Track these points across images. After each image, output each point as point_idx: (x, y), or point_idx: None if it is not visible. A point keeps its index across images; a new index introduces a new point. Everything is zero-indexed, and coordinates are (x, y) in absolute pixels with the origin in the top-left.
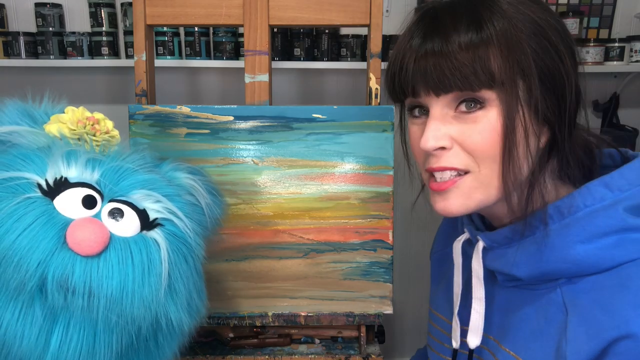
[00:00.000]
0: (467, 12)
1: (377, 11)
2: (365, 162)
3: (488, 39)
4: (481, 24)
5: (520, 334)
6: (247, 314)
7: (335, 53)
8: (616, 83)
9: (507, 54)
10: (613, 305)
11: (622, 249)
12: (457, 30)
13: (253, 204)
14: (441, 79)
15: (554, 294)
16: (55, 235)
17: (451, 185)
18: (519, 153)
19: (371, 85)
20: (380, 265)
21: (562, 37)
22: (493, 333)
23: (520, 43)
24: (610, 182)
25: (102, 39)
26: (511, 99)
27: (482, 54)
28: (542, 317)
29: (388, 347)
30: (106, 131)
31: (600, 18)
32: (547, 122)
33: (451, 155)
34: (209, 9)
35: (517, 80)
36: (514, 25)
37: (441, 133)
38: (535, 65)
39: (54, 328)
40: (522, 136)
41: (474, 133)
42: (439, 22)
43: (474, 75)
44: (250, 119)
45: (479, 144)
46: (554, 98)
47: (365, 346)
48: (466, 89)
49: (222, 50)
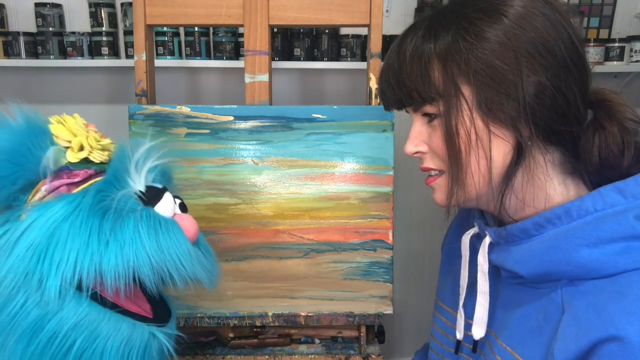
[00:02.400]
0: (424, 28)
1: (377, 11)
2: (365, 162)
3: (428, 52)
4: (427, 37)
5: (518, 330)
6: (247, 314)
7: (335, 53)
8: (616, 83)
9: (445, 65)
10: (606, 310)
11: (627, 257)
12: (406, 43)
13: (253, 204)
14: (395, 99)
15: (555, 294)
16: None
17: (432, 182)
18: (472, 156)
19: (371, 85)
20: (380, 265)
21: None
22: (493, 327)
23: (457, 46)
24: (625, 188)
25: (102, 39)
26: (450, 106)
27: (424, 69)
28: (540, 316)
29: (388, 347)
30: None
31: (600, 18)
32: (504, 122)
33: (428, 158)
34: (209, 9)
35: (459, 86)
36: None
37: (418, 140)
38: (474, 65)
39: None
40: (471, 140)
41: (435, 138)
42: (400, 37)
43: (416, 92)
44: (250, 119)
45: (439, 149)
46: (503, 97)
47: (365, 346)
48: (415, 105)
49: (222, 50)
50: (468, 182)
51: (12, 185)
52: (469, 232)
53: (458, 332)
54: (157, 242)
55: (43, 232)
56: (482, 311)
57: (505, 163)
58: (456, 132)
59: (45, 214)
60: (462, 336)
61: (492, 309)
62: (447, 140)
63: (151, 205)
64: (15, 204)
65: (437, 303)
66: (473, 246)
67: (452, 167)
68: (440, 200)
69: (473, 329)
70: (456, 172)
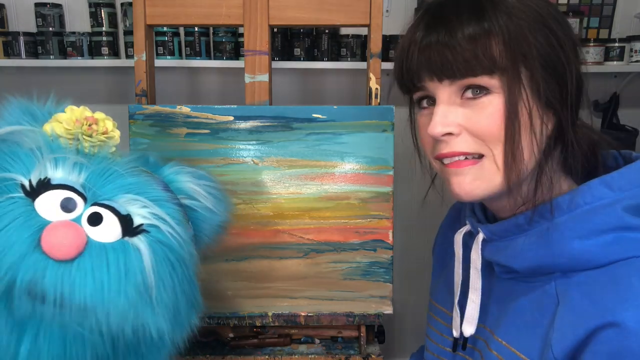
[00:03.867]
0: (470, 4)
1: (377, 11)
2: (365, 162)
3: (490, 29)
4: (483, 15)
5: (514, 324)
6: (247, 314)
7: (335, 53)
8: (616, 83)
9: (509, 41)
10: (601, 298)
11: (618, 247)
12: (460, 22)
13: (253, 204)
14: (444, 64)
15: (549, 287)
16: (30, 237)
17: (471, 165)
18: (524, 137)
19: (371, 85)
20: (380, 265)
21: (562, 26)
22: (488, 324)
23: (521, 31)
24: (611, 181)
25: (102, 39)
26: (513, 84)
27: (484, 43)
28: (535, 309)
29: (388, 347)
30: (104, 132)
31: (600, 18)
32: (551, 107)
33: (460, 140)
34: (209, 9)
35: (519, 66)
36: (515, 14)
37: (449, 120)
38: (537, 51)
39: (23, 338)
40: (526, 120)
41: (481, 118)
42: (443, 14)
43: (476, 61)
44: (250, 119)
45: (486, 128)
46: (556, 84)
47: (365, 346)
48: (468, 75)
49: (222, 50)
50: (518, 165)
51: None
52: (461, 230)
53: (454, 330)
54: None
55: None
56: (474, 308)
57: (544, 147)
58: (514, 109)
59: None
60: (458, 334)
61: (486, 305)
62: (508, 118)
63: (31, 198)
64: None
65: (432, 303)
66: (465, 244)
67: (508, 147)
68: (470, 186)
69: (463, 326)
70: (512, 152)
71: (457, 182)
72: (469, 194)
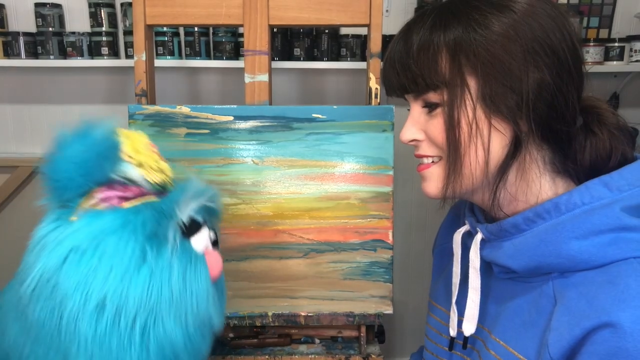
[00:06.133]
0: (433, 17)
1: (377, 11)
2: (365, 162)
3: (437, 42)
4: (435, 27)
5: (511, 324)
6: (247, 314)
7: (335, 53)
8: (616, 83)
9: (453, 55)
10: (597, 299)
11: (616, 248)
12: (414, 33)
13: (253, 204)
14: (400, 84)
15: (546, 287)
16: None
17: (426, 169)
18: (470, 148)
19: (371, 85)
20: (380, 265)
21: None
22: (486, 323)
23: (470, 43)
24: (610, 182)
25: (102, 39)
26: (454, 98)
27: (431, 57)
28: (533, 309)
29: (388, 347)
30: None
31: (600, 18)
32: (505, 117)
33: (424, 145)
34: (209, 9)
35: (464, 78)
36: (470, 26)
37: (415, 128)
38: (485, 60)
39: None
40: (471, 132)
41: (434, 127)
42: (407, 29)
43: (422, 78)
44: (250, 119)
45: (438, 138)
46: (510, 92)
47: (365, 346)
48: (420, 92)
49: (222, 50)
50: (465, 173)
51: (76, 190)
52: (460, 230)
53: (451, 329)
54: (183, 278)
55: (89, 239)
56: (474, 307)
57: (501, 156)
58: (457, 122)
59: (95, 222)
60: (455, 333)
61: (485, 305)
62: (448, 129)
63: (188, 237)
64: (69, 205)
65: (431, 303)
66: (464, 244)
67: (451, 156)
68: (431, 190)
69: (464, 325)
70: (454, 162)
71: (423, 185)
72: (430, 196)
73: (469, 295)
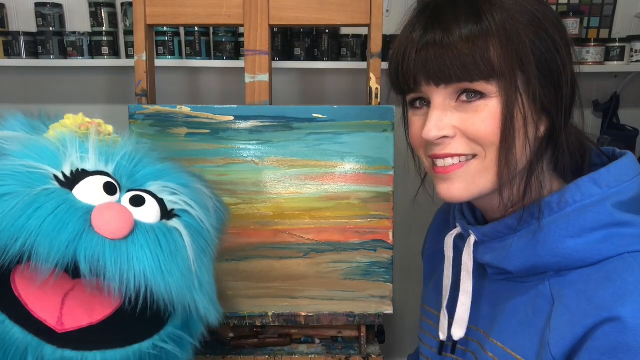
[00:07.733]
0: (467, 4)
1: (377, 11)
2: (365, 162)
3: (487, 30)
4: (480, 15)
5: (508, 325)
6: (247, 314)
7: (335, 53)
8: (616, 83)
9: (506, 44)
10: (597, 295)
11: (610, 244)
12: (457, 22)
13: (253, 204)
14: (442, 68)
15: (542, 286)
16: (81, 218)
17: (457, 169)
18: (518, 140)
19: (371, 85)
20: (381, 265)
21: (558, 28)
22: (482, 325)
23: (518, 34)
24: (599, 179)
25: (102, 39)
26: (510, 89)
27: (482, 45)
28: (530, 309)
29: (388, 347)
30: (108, 133)
31: (600, 18)
32: (545, 111)
33: (455, 142)
34: (209, 8)
35: (516, 71)
36: (512, 16)
37: (444, 123)
38: (533, 55)
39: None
40: (521, 124)
41: (476, 121)
42: (440, 14)
43: (474, 66)
44: (250, 119)
45: (482, 132)
46: (551, 87)
47: (366, 346)
48: (465, 80)
49: (222, 50)
50: (510, 167)
51: None
52: (452, 233)
53: (441, 333)
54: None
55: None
56: (464, 310)
57: (536, 149)
58: (510, 114)
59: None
60: (445, 336)
61: (479, 307)
62: (504, 122)
63: (68, 187)
64: None
65: (423, 307)
66: (456, 247)
67: (503, 151)
68: (456, 192)
69: (453, 328)
70: (506, 157)
71: (445, 188)
72: (455, 198)
73: (460, 298)
